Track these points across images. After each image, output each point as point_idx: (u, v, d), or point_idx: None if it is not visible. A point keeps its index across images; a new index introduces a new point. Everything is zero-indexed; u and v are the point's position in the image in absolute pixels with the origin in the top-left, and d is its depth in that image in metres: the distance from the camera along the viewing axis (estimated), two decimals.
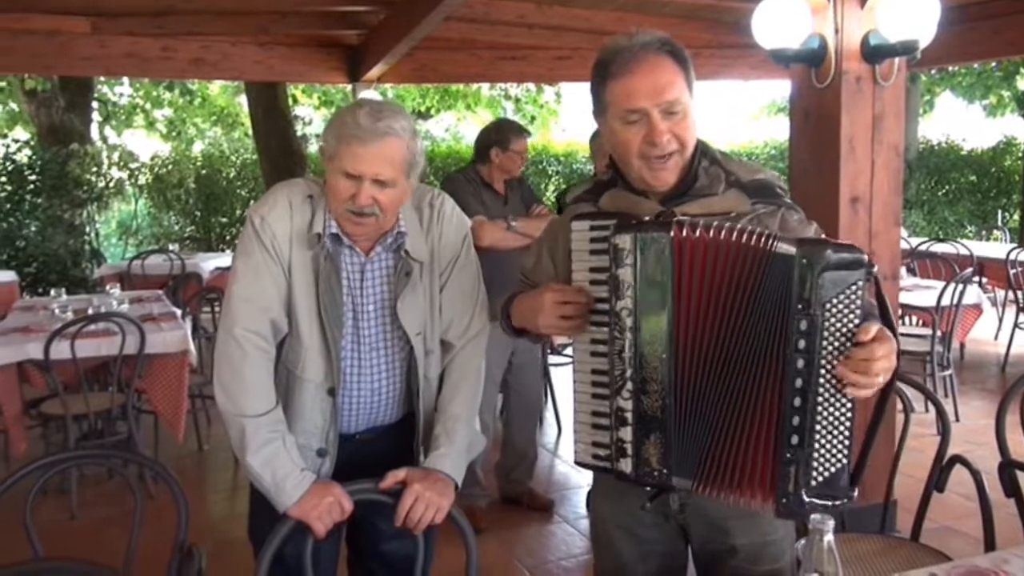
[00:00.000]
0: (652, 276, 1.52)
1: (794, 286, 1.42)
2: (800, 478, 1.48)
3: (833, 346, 1.43)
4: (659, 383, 1.55)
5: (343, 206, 1.80)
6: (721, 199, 1.64)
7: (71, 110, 10.62)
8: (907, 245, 7.67)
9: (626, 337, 1.56)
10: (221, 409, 1.86)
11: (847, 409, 1.47)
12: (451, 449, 1.93)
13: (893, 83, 3.45)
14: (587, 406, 1.68)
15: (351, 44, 7.32)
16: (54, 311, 4.80)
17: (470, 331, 2.03)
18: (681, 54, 1.63)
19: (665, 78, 1.59)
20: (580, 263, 1.66)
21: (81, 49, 6.45)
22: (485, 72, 8.05)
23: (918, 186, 13.13)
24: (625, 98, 1.60)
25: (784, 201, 1.68)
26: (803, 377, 1.45)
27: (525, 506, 4.15)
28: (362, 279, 1.92)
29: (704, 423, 1.55)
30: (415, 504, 1.82)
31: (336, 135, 1.78)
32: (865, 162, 3.48)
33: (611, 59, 1.61)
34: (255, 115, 10.16)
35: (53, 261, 9.59)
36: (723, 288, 1.50)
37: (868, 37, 3.34)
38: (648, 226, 1.54)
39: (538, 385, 4.31)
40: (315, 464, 1.94)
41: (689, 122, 1.62)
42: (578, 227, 1.66)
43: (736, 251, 1.48)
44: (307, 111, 14.48)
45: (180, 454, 4.99)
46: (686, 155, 1.64)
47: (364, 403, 1.98)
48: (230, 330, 1.83)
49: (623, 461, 1.61)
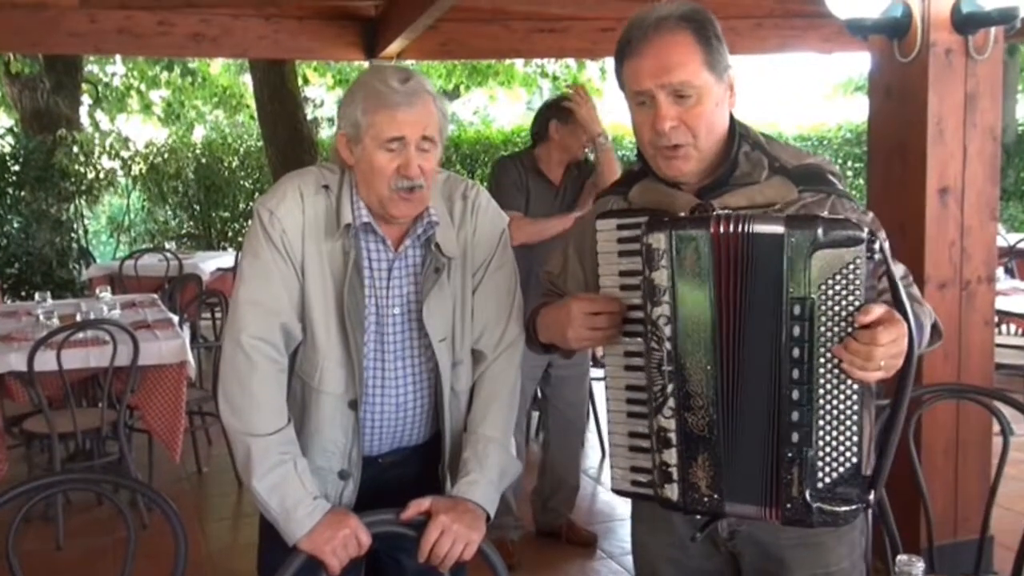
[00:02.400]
0: (691, 278, 1.52)
1: (784, 268, 1.44)
2: (803, 480, 1.49)
3: (833, 331, 1.44)
4: (704, 397, 1.55)
5: (389, 183, 1.82)
6: (763, 187, 1.64)
7: (57, 93, 10.77)
8: (1005, 242, 7.54)
9: (664, 348, 1.56)
10: (226, 427, 1.87)
11: (853, 401, 1.47)
12: (482, 475, 1.93)
13: (989, 56, 3.40)
14: (623, 426, 1.69)
15: (367, 16, 7.36)
16: (38, 317, 4.85)
17: (504, 340, 2.02)
18: (705, 29, 1.62)
19: (675, 57, 1.59)
20: (608, 266, 1.67)
21: (69, 24, 6.55)
22: (519, 47, 8.04)
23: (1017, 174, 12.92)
24: (633, 78, 1.63)
25: (836, 188, 1.67)
26: (799, 367, 1.46)
27: (564, 540, 4.13)
28: (388, 277, 1.93)
29: (755, 439, 1.55)
30: (441, 538, 1.82)
31: (368, 107, 1.81)
32: (956, 147, 3.43)
33: (627, 36, 1.64)
34: (260, 97, 10.25)
35: (37, 261, 9.73)
36: (755, 285, 1.50)
37: (959, 4, 3.30)
38: (684, 222, 1.54)
39: (582, 401, 4.28)
40: (337, 488, 1.95)
41: (705, 108, 1.61)
42: (603, 226, 1.67)
43: (760, 243, 1.49)
44: (318, 92, 14.58)
45: (177, 478, 5.04)
46: (701, 145, 1.63)
47: (388, 420, 1.98)
48: (237, 338, 1.84)
49: (668, 487, 1.61)
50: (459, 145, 12.72)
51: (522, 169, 3.83)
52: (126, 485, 2.90)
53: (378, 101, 1.80)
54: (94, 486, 2.42)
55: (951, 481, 3.56)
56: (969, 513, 3.51)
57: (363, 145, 1.83)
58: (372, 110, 1.80)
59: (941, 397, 2.76)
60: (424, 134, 1.82)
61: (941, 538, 2.69)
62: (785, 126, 13.92)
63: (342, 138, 1.87)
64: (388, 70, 1.85)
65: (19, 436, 4.43)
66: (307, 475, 1.85)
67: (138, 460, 4.82)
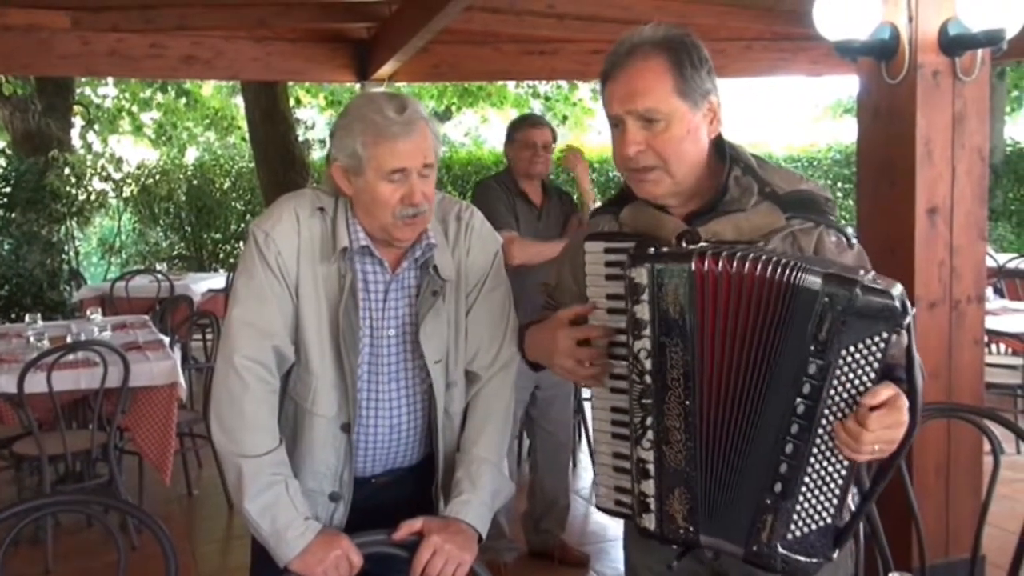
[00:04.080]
0: (671, 314, 1.52)
1: (811, 324, 1.42)
2: (776, 529, 1.50)
3: (842, 398, 1.44)
4: (682, 432, 1.56)
5: (394, 212, 1.83)
6: (750, 215, 1.63)
7: (49, 114, 10.76)
8: (994, 262, 7.58)
9: (644, 381, 1.56)
10: (217, 448, 1.87)
11: (843, 467, 1.48)
12: (475, 496, 1.93)
13: (976, 78, 3.43)
14: (608, 447, 1.69)
15: (359, 38, 7.39)
16: (28, 339, 4.85)
17: (498, 361, 2.03)
18: (679, 56, 1.61)
19: (643, 83, 1.60)
20: (596, 288, 1.67)
21: (61, 46, 6.55)
22: (510, 69, 8.09)
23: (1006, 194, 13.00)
24: (608, 103, 1.66)
25: (826, 219, 1.66)
26: (800, 424, 1.46)
27: (556, 561, 4.12)
28: (385, 299, 1.93)
29: (732, 475, 1.56)
30: (433, 558, 1.82)
31: (368, 140, 1.81)
32: (944, 167, 3.45)
33: (608, 60, 1.66)
34: (252, 118, 10.26)
35: (28, 283, 9.70)
36: (748, 326, 1.50)
37: (947, 26, 3.32)
38: (665, 257, 1.53)
39: (569, 421, 4.28)
40: (327, 510, 1.95)
41: (673, 135, 1.61)
42: (592, 248, 1.68)
43: (762, 284, 1.48)
44: (310, 114, 14.62)
45: (167, 499, 5.02)
46: (673, 170, 1.63)
47: (382, 442, 1.98)
48: (230, 359, 1.85)
49: (646, 517, 1.63)
50: (451, 167, 12.76)
51: (506, 190, 3.87)
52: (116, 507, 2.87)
53: (377, 134, 1.80)
54: (84, 508, 2.41)
55: (942, 500, 3.56)
56: (960, 532, 3.50)
57: (365, 178, 1.84)
58: (372, 143, 1.81)
59: (932, 416, 2.76)
60: (425, 162, 1.84)
61: (933, 557, 2.68)
62: (775, 147, 14.00)
63: (338, 169, 1.87)
64: (382, 99, 1.85)
65: (9, 458, 4.41)
66: (299, 496, 1.85)
67: (128, 482, 4.80)
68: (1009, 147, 13.62)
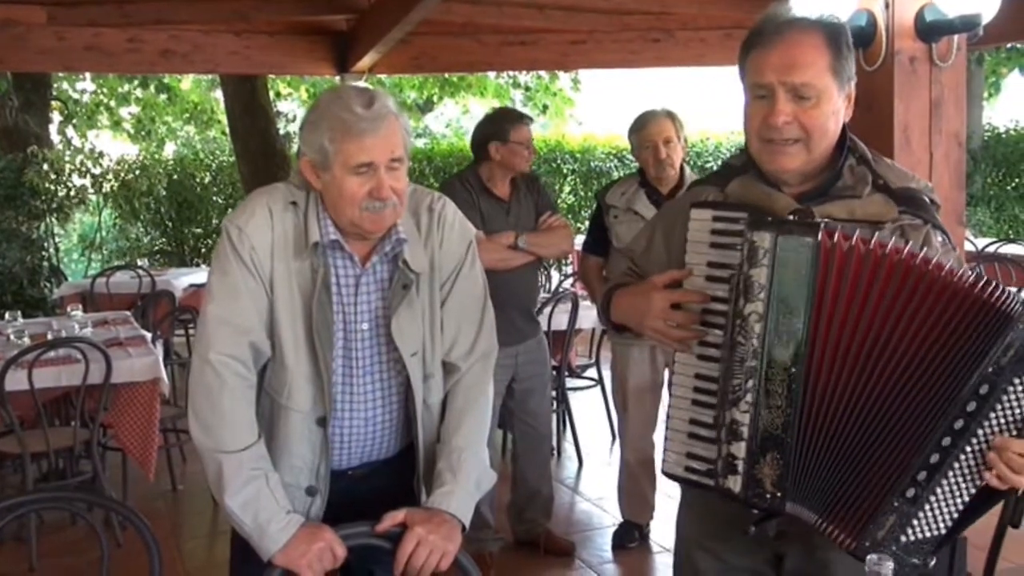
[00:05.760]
0: (790, 281, 1.54)
1: (996, 349, 1.44)
2: (895, 531, 1.52)
3: (998, 423, 1.47)
4: (784, 398, 1.57)
5: (361, 205, 1.83)
6: (865, 202, 1.67)
7: (26, 110, 10.68)
8: (972, 247, 7.63)
9: (751, 344, 1.57)
10: (197, 444, 1.87)
11: (974, 486, 1.51)
12: (456, 486, 1.93)
13: (952, 64, 3.44)
14: (685, 412, 1.70)
15: (339, 30, 7.36)
16: (8, 336, 4.81)
17: (476, 351, 2.03)
18: (837, 35, 1.65)
19: (803, 57, 1.62)
20: (697, 255, 1.68)
21: (37, 42, 6.51)
22: (491, 60, 8.07)
23: (984, 179, 13.08)
24: (755, 70, 1.66)
25: (934, 218, 1.71)
26: (952, 438, 1.48)
27: (542, 550, 4.13)
28: (356, 293, 1.93)
29: (829, 450, 1.57)
30: (417, 549, 1.82)
31: (334, 136, 1.81)
32: (922, 153, 3.46)
33: (760, 27, 1.68)
34: (232, 112, 10.20)
35: (7, 280, 9.63)
36: (879, 308, 1.51)
37: (923, 12, 3.33)
38: (791, 226, 1.55)
39: (547, 412, 4.27)
40: (304, 504, 1.95)
41: (822, 111, 1.64)
42: (699, 215, 1.68)
43: (905, 273, 1.50)
44: (291, 107, 14.54)
45: (151, 495, 4.99)
46: (813, 146, 1.66)
47: (357, 435, 1.98)
48: (205, 355, 1.84)
49: (731, 478, 1.62)
50: (432, 158, 12.73)
51: (471, 188, 3.78)
52: (100, 504, 2.86)
53: (344, 129, 1.80)
54: (68, 505, 2.40)
55: None
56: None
57: (332, 172, 1.83)
58: (339, 139, 1.80)
59: None
60: (392, 156, 1.83)
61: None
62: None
63: (307, 164, 1.87)
64: (350, 94, 1.85)
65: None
66: (280, 490, 1.85)
67: (112, 479, 4.78)
68: (987, 132, 13.70)
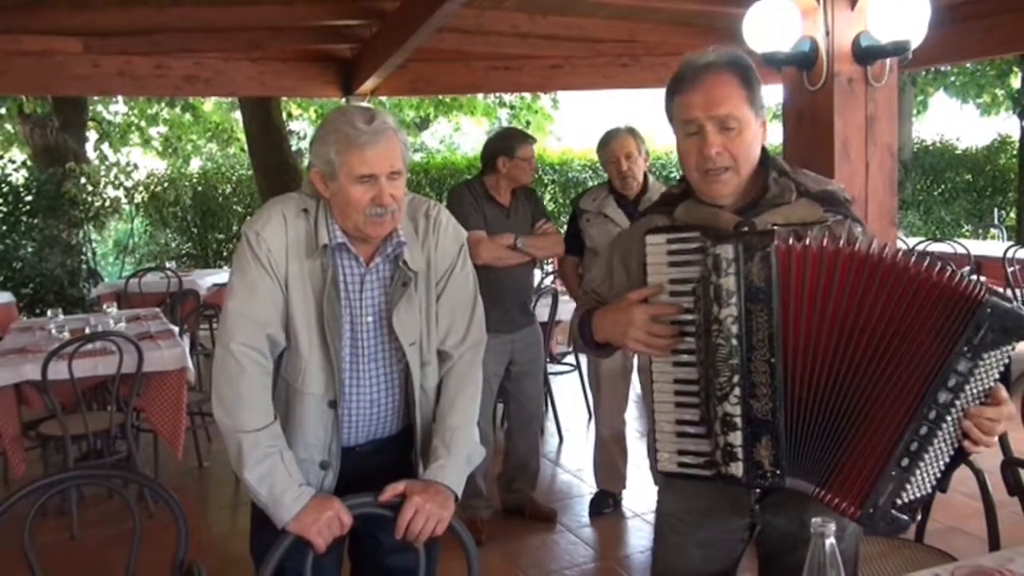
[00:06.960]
0: (757, 283, 1.56)
1: (969, 330, 1.48)
2: (892, 496, 1.55)
3: (972, 394, 1.51)
4: (768, 387, 1.58)
5: (365, 211, 1.83)
6: (795, 207, 1.70)
7: (65, 130, 10.62)
8: (904, 245, 7.68)
9: (731, 344, 1.58)
10: (219, 424, 1.87)
11: (953, 450, 1.54)
12: (450, 460, 1.93)
13: (885, 83, 3.45)
14: (670, 415, 1.69)
15: (344, 58, 7.34)
16: (51, 331, 4.79)
17: (467, 341, 2.04)
18: (747, 72, 1.68)
19: (722, 93, 1.65)
20: (658, 275, 1.69)
21: (74, 69, 6.46)
22: (479, 82, 8.05)
23: (914, 186, 13.17)
24: (684, 110, 1.67)
25: (851, 212, 1.74)
26: (938, 411, 1.51)
27: (527, 516, 4.14)
28: (361, 290, 1.93)
29: (816, 426, 1.59)
30: (415, 516, 1.82)
31: (340, 148, 1.81)
32: (859, 163, 3.48)
33: (680, 74, 1.69)
34: (250, 131, 10.19)
35: (50, 281, 9.58)
36: (840, 299, 1.53)
37: (859, 38, 3.34)
38: (749, 236, 1.58)
39: (538, 394, 4.29)
40: (318, 477, 1.95)
41: (744, 139, 1.66)
42: (654, 240, 1.69)
43: (860, 262, 1.52)
44: (302, 125, 14.51)
45: (180, 472, 4.98)
46: (741, 170, 1.68)
47: (363, 415, 1.98)
48: (227, 345, 1.84)
49: (733, 465, 1.62)
50: (428, 170, 12.71)
51: (476, 195, 3.83)
52: (134, 480, 2.86)
53: (348, 143, 1.80)
54: (105, 481, 2.39)
55: None
56: None
57: (338, 182, 1.83)
58: (344, 151, 1.80)
59: None
60: (392, 168, 1.83)
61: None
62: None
63: (316, 174, 1.87)
64: (354, 112, 1.85)
65: (36, 439, 4.36)
66: (293, 465, 1.85)
67: (145, 457, 4.78)
68: (916, 144, 13.80)
